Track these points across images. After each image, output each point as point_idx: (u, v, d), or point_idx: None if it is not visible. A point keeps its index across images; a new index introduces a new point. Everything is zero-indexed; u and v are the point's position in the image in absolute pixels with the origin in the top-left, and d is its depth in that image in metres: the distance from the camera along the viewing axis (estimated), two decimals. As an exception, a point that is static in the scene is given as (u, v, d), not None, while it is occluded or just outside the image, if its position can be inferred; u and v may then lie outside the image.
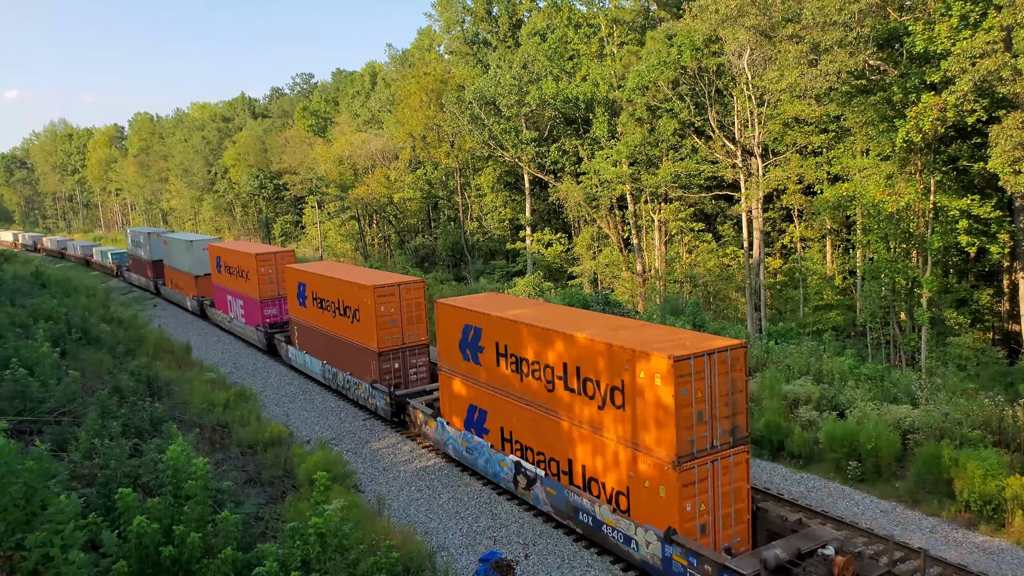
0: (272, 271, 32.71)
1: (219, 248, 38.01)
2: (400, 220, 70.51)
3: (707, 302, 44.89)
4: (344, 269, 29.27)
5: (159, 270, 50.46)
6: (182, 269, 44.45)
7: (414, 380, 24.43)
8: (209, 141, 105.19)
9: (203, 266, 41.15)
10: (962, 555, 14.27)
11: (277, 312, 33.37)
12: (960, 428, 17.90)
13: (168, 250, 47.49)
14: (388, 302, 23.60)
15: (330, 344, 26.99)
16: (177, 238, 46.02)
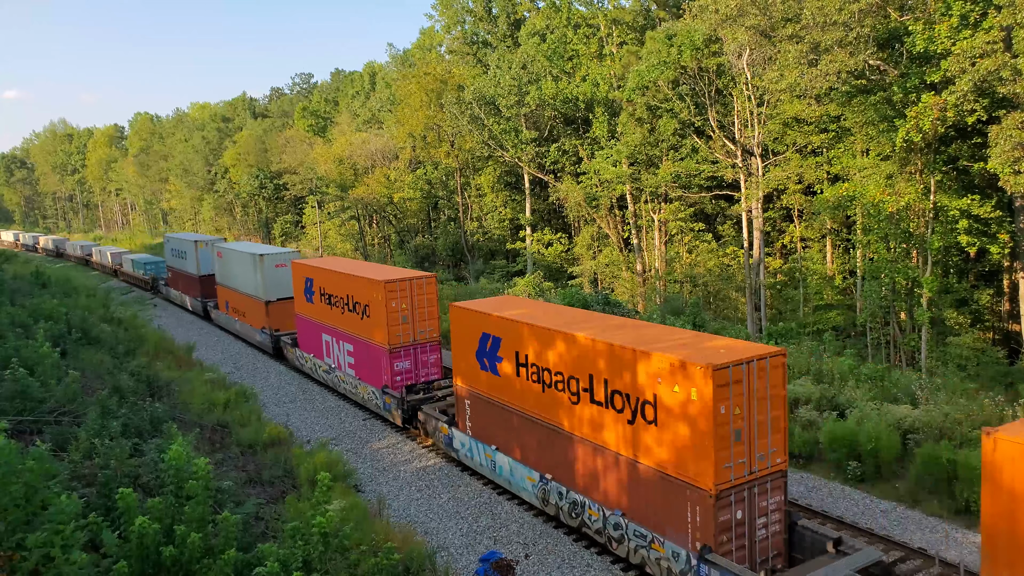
0: (407, 304, 22.93)
1: (310, 268, 28.17)
2: (400, 220, 70.49)
3: (707, 302, 44.87)
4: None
5: (209, 288, 41.49)
6: (245, 291, 34.91)
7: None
8: (209, 141, 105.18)
9: (279, 288, 32.36)
10: (962, 554, 14.27)
11: (411, 366, 23.32)
12: (960, 428, 17.90)
13: (224, 265, 37.94)
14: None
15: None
16: (238, 250, 36.22)
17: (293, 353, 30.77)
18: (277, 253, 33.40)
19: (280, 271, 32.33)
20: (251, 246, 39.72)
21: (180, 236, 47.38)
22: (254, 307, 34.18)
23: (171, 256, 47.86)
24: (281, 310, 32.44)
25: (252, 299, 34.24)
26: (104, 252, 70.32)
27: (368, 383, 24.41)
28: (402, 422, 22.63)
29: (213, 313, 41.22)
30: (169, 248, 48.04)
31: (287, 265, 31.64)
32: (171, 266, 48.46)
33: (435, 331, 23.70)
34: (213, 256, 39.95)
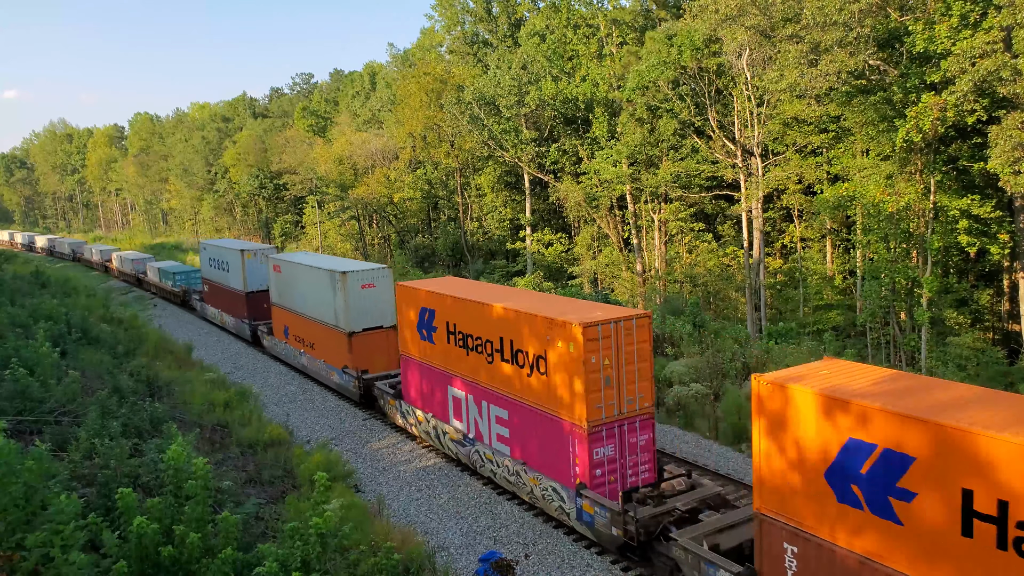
0: (612, 358, 14.94)
1: (431, 294, 19.76)
2: (400, 220, 70.52)
3: (707, 302, 44.89)
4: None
5: (259, 308, 34.69)
6: (316, 317, 27.42)
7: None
8: (209, 141, 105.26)
9: (365, 315, 25.44)
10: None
11: (616, 452, 15.25)
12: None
13: (284, 281, 30.51)
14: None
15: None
16: (307, 264, 28.51)
17: (395, 406, 22.57)
18: (364, 270, 25.83)
19: (367, 293, 25.27)
20: (324, 259, 30.72)
21: (221, 244, 40.43)
22: (329, 338, 26.59)
23: (209, 266, 40.08)
24: (368, 344, 25.28)
25: (327, 328, 26.68)
26: (125, 258, 62.46)
27: (544, 473, 16.28)
28: (637, 550, 14.47)
29: (266, 340, 33.29)
30: (206, 257, 40.44)
31: (376, 285, 25.43)
32: (208, 278, 40.55)
33: (648, 398, 15.55)
34: (267, 269, 32.63)
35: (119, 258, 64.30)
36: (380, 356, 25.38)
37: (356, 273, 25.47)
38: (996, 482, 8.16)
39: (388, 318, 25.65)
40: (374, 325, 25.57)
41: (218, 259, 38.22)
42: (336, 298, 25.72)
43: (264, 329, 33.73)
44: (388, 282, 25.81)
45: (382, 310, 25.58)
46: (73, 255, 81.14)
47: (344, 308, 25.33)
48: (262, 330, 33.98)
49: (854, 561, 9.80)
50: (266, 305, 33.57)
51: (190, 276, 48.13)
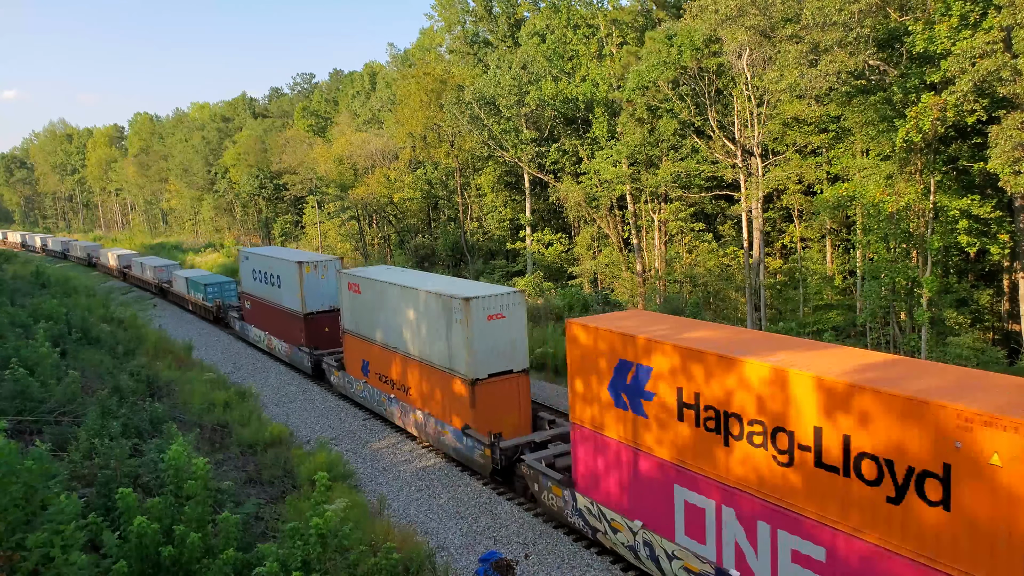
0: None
1: (656, 342, 12.64)
2: (400, 220, 70.51)
3: (707, 302, 44.88)
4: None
5: (319, 333, 29.21)
6: (427, 359, 21.11)
7: None
8: (209, 141, 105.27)
9: (505, 356, 19.60)
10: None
11: None
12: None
13: (364, 304, 24.26)
14: None
15: None
16: (403, 285, 22.08)
17: (566, 498, 15.76)
18: (491, 295, 19.33)
19: (496, 326, 19.21)
20: (423, 278, 23.18)
21: (270, 253, 34.02)
22: (437, 384, 20.43)
23: (252, 280, 34.62)
24: (496, 396, 19.25)
25: (433, 370, 20.54)
26: (147, 265, 56.18)
27: None
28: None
29: (335, 377, 26.94)
30: (249, 269, 34.89)
31: (506, 316, 19.35)
32: (250, 293, 34.86)
33: None
34: (336, 287, 27.30)
35: (140, 264, 58.46)
36: (510, 413, 19.36)
37: (482, 300, 18.94)
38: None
39: (520, 359, 19.59)
40: (503, 369, 19.21)
41: (265, 271, 32.79)
42: (452, 332, 19.32)
43: (332, 362, 27.41)
44: (521, 311, 19.55)
45: (513, 349, 19.36)
46: (89, 259, 76.01)
47: (465, 346, 18.71)
48: (328, 362, 27.56)
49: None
50: (327, 329, 29.10)
51: (224, 288, 42.53)
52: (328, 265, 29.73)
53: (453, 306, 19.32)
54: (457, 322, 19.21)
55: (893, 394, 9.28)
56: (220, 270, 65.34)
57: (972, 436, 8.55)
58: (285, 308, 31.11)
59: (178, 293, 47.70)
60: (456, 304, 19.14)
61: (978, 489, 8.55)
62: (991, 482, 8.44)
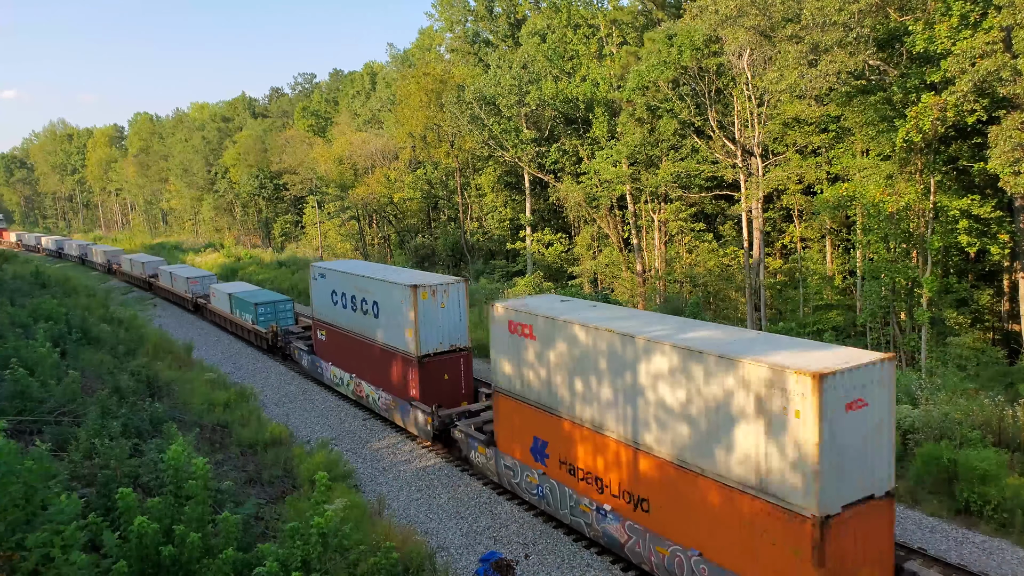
0: None
1: None
2: (400, 220, 70.52)
3: (707, 302, 44.89)
4: None
5: (437, 384, 21.93)
6: (739, 478, 11.60)
7: None
8: (209, 141, 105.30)
9: (867, 476, 11.10)
10: (962, 555, 14.28)
11: None
12: (960, 428, 17.91)
13: (536, 352, 16.28)
14: None
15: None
16: (661, 340, 13.04)
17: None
18: (853, 367, 10.86)
19: (858, 417, 10.92)
20: (661, 322, 15.28)
21: (359, 270, 26.01)
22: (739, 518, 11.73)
23: (328, 303, 27.11)
24: (862, 533, 11.14)
25: (734, 493, 11.78)
26: (177, 275, 47.96)
27: None
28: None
29: (480, 455, 18.75)
30: (325, 289, 27.34)
31: (870, 403, 11.02)
32: (326, 320, 27.42)
33: None
34: (497, 328, 17.48)
35: (169, 274, 50.16)
36: None
37: (844, 375, 10.60)
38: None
39: None
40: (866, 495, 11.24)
41: (352, 295, 25.13)
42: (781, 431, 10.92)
43: (474, 431, 19.06)
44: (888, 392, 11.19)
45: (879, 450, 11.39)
46: (108, 266, 68.34)
47: (819, 454, 10.49)
48: (469, 434, 19.17)
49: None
50: (447, 376, 21.97)
51: (279, 310, 34.69)
52: (449, 289, 21.99)
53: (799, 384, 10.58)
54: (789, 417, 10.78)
55: None
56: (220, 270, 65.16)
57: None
58: (385, 346, 23.24)
59: (218, 311, 39.89)
60: (807, 383, 10.45)
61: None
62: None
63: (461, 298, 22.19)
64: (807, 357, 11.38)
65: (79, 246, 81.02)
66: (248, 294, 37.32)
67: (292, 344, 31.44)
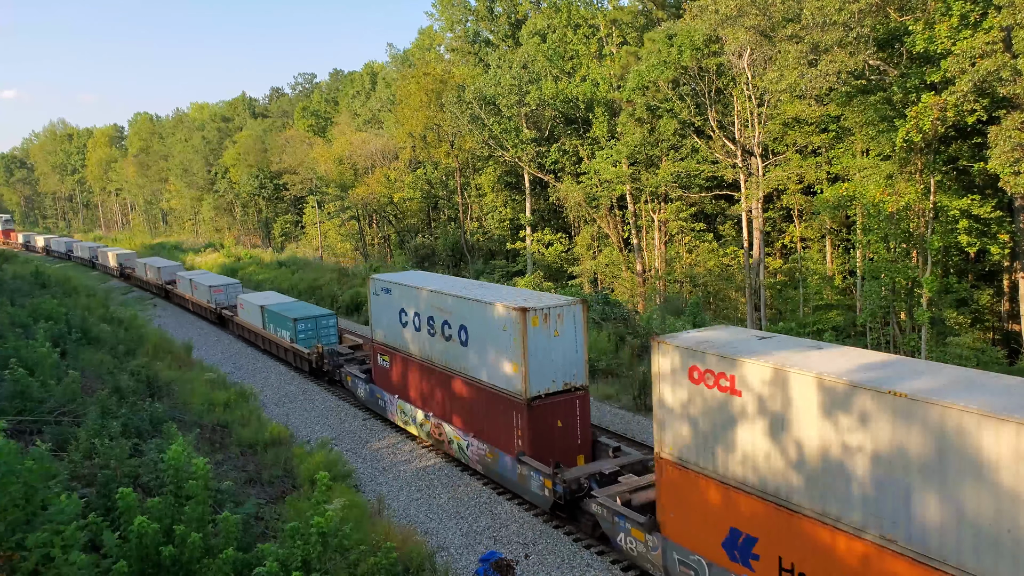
0: None
1: None
2: (400, 220, 70.52)
3: (707, 302, 44.89)
4: None
5: (545, 429, 17.49)
6: None
7: None
8: (209, 141, 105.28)
9: None
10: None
11: None
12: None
13: (739, 413, 11.47)
14: None
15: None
16: None
17: None
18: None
19: None
20: None
21: (437, 285, 21.39)
22: None
23: (395, 322, 22.58)
24: None
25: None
26: (199, 283, 43.82)
27: None
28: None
29: (635, 541, 14.02)
30: (391, 305, 22.75)
31: None
32: (390, 344, 23.00)
33: None
34: (668, 372, 12.75)
35: (189, 281, 45.53)
36: None
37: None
38: None
39: None
40: None
41: (429, 315, 20.57)
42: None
43: (629, 511, 14.48)
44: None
45: None
46: (121, 270, 64.48)
47: None
48: (615, 510, 14.70)
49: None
50: (561, 423, 17.52)
51: (321, 326, 30.86)
52: (564, 312, 17.39)
53: None
54: None
55: None
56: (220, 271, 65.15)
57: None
58: (478, 382, 18.71)
59: (246, 324, 35.99)
60: None
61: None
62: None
63: (578, 323, 17.60)
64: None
65: (89, 248, 77.02)
66: (284, 307, 33.31)
67: (344, 370, 27.06)
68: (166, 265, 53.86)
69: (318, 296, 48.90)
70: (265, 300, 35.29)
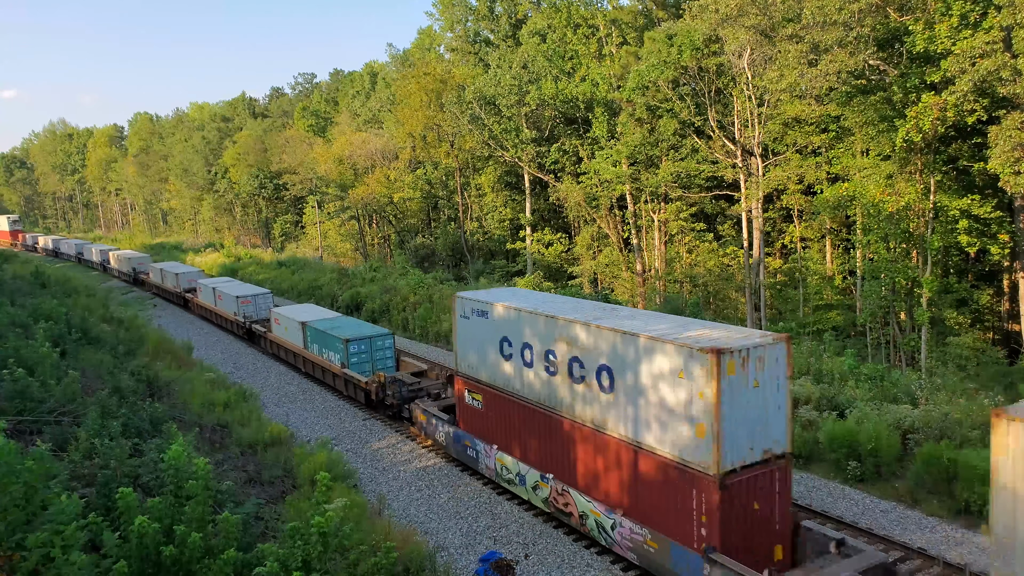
0: None
1: None
2: (400, 220, 70.50)
3: (707, 302, 44.88)
4: None
5: (738, 514, 12.59)
6: None
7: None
8: (209, 141, 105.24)
9: None
10: (962, 555, 14.27)
11: None
12: (960, 428, 17.91)
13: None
14: None
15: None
16: None
17: None
18: None
19: None
20: None
21: (556, 309, 16.69)
22: None
23: (491, 350, 18.15)
24: None
25: None
26: (224, 292, 39.25)
27: None
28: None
29: None
30: (490, 332, 18.18)
31: None
32: (482, 380, 18.74)
33: None
34: None
35: (212, 290, 41.10)
36: None
37: None
38: None
39: None
40: None
41: (547, 348, 16.14)
42: None
43: None
44: None
45: None
46: (134, 275, 59.81)
47: None
48: None
49: None
50: (758, 506, 12.98)
51: (376, 347, 26.45)
52: (766, 355, 12.82)
53: None
54: None
55: None
56: (220, 271, 65.13)
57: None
58: (632, 443, 14.10)
59: (283, 343, 31.80)
60: None
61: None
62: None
63: (781, 367, 13.00)
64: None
65: (99, 250, 71.81)
66: (330, 324, 28.66)
67: (417, 406, 22.44)
68: (184, 271, 49.84)
69: (318, 296, 48.89)
70: (307, 316, 30.65)
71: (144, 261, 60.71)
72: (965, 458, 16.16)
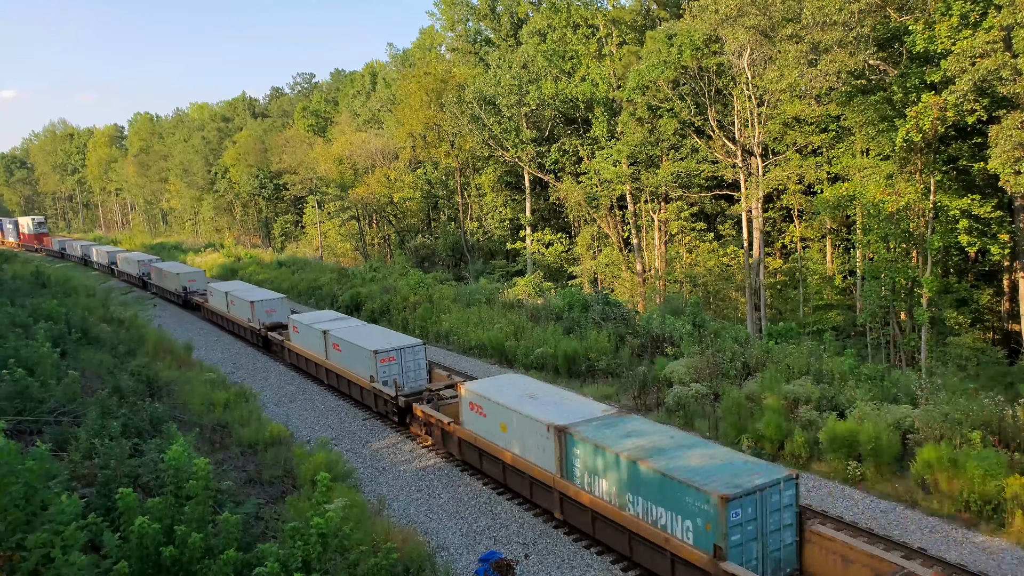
0: None
1: None
2: (400, 220, 70.51)
3: (707, 302, 44.89)
4: None
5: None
6: None
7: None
8: (209, 141, 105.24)
9: None
10: (962, 555, 14.27)
11: None
12: (960, 428, 17.90)
13: None
14: None
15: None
16: None
17: None
18: None
19: None
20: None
21: None
22: None
23: None
24: None
25: None
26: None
27: None
28: None
29: None
30: None
31: None
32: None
33: None
34: None
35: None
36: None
37: None
38: None
39: None
40: None
41: None
42: None
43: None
44: None
45: None
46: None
47: None
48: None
49: None
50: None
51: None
52: None
53: None
54: None
55: None
56: (220, 271, 65.16)
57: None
58: None
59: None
60: None
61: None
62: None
63: None
64: None
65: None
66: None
67: None
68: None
69: (318, 296, 48.86)
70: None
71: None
72: (965, 458, 16.15)
